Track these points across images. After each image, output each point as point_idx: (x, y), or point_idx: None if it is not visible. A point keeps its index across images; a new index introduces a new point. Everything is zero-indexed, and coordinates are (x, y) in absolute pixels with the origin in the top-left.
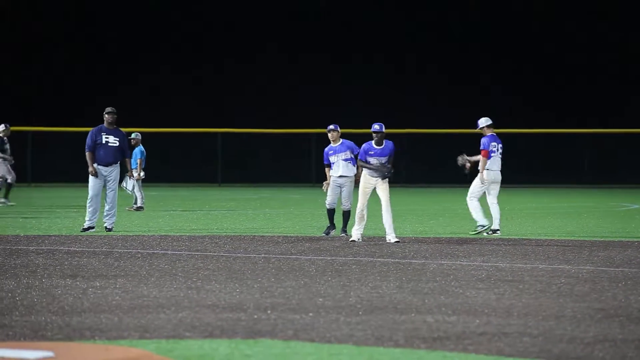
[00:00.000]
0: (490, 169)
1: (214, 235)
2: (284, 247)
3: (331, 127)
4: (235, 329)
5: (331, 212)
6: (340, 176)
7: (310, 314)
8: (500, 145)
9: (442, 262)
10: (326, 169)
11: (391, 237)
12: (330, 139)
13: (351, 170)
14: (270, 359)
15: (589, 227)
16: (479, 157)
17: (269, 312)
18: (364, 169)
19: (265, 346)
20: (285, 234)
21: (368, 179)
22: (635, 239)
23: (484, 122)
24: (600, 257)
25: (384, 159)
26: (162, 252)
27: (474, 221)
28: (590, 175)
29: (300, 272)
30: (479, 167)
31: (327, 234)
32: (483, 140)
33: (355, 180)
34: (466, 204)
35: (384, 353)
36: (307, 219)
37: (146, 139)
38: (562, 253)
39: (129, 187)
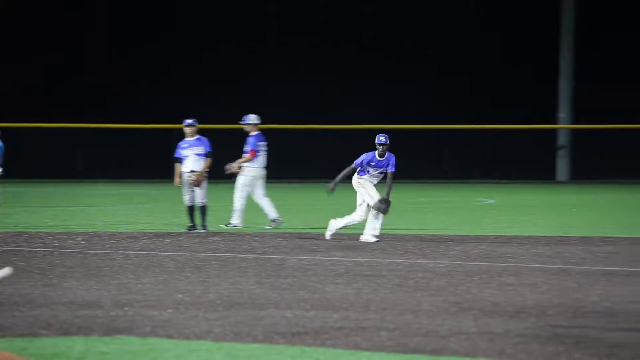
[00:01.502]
0: (256, 166)
1: (71, 232)
2: (143, 243)
3: (189, 121)
4: (91, 327)
5: (191, 210)
6: (192, 171)
7: (169, 310)
8: (265, 143)
9: (302, 257)
10: (176, 164)
11: (368, 237)
12: (187, 133)
13: (201, 166)
14: (127, 356)
15: (445, 221)
16: (245, 157)
17: (126, 308)
18: (363, 173)
19: (122, 343)
20: (144, 230)
21: (367, 182)
22: (491, 234)
23: (255, 119)
24: (456, 251)
25: (381, 170)
26: (18, 248)
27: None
28: (449, 170)
29: (159, 269)
30: (237, 163)
31: (189, 231)
32: (250, 140)
33: (195, 179)
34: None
35: (242, 349)
36: (167, 215)
37: (6, 134)
38: (420, 248)
39: None
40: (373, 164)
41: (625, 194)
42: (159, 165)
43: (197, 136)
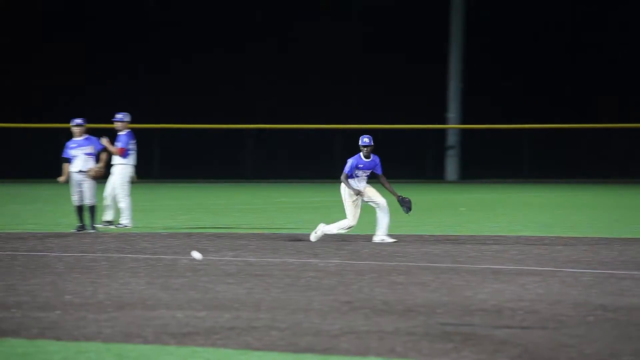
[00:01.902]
0: (131, 164)
1: None
2: (31, 244)
3: (78, 121)
4: None
5: (80, 210)
6: (80, 171)
7: (57, 312)
8: (135, 142)
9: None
10: (64, 164)
11: (384, 238)
12: (75, 133)
13: (91, 165)
14: (14, 359)
15: (336, 220)
16: (114, 150)
17: (13, 310)
18: (349, 180)
19: (9, 346)
20: (32, 231)
21: (351, 197)
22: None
23: (128, 117)
24: (347, 250)
25: (369, 172)
26: None
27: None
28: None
29: (47, 270)
30: (103, 162)
31: (78, 231)
32: (122, 138)
33: (93, 174)
34: (118, 202)
35: (133, 350)
36: (56, 215)
37: None
38: (311, 247)
39: None
40: (361, 166)
41: (513, 193)
42: (46, 165)
43: (86, 136)
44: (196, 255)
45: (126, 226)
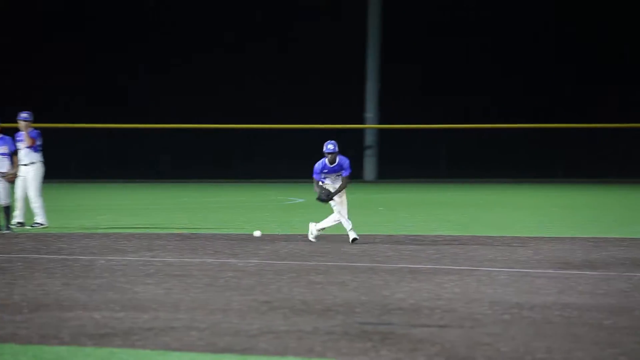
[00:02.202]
0: (40, 161)
1: None
2: None
3: None
4: None
5: None
6: None
7: None
8: (41, 140)
9: (111, 257)
10: None
11: (316, 231)
12: None
13: (5, 166)
14: None
15: (255, 220)
16: (28, 142)
17: None
18: (323, 181)
19: None
20: None
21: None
22: (300, 233)
23: (32, 117)
24: (266, 250)
25: (337, 174)
26: None
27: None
28: (250, 170)
29: None
30: (16, 164)
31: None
32: (31, 134)
33: (10, 175)
34: (33, 202)
35: (49, 351)
36: None
37: None
38: (230, 247)
39: None
40: (326, 171)
41: (430, 192)
42: None
43: (1, 136)
44: (257, 233)
45: (42, 224)
